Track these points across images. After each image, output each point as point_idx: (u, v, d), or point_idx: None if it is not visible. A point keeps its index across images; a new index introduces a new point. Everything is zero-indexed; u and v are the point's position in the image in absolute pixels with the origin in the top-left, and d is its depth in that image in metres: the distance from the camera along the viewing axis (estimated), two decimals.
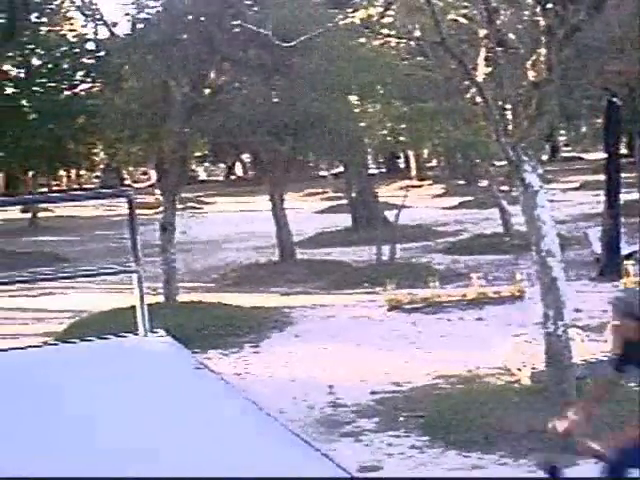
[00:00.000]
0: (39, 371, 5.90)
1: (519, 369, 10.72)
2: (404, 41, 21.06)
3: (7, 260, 22.68)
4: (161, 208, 17.19)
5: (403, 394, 10.36)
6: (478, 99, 12.38)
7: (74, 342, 7.39)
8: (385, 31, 21.10)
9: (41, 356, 6.70)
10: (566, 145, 55.16)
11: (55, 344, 9.82)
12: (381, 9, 22.88)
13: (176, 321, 12.79)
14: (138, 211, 7.01)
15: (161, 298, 15.15)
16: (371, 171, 26.80)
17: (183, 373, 5.43)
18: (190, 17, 16.80)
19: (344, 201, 28.39)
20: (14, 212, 35.72)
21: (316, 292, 16.79)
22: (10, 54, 29.68)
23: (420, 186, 41.06)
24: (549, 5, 11.01)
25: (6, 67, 30.38)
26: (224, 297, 16.16)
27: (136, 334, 6.51)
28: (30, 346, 7.91)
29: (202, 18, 16.65)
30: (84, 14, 28.88)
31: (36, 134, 28.03)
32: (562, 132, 43.38)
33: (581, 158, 50.53)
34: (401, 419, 9.66)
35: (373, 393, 10.43)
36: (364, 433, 9.38)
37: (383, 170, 48.12)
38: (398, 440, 9.09)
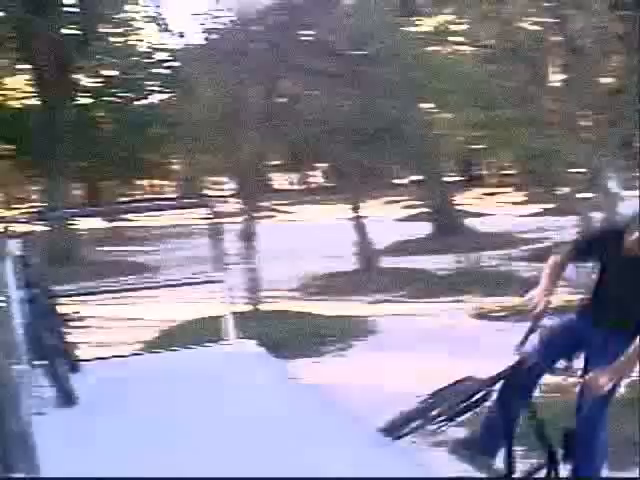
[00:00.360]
0: (132, 379, 5.90)
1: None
2: (477, 48, 20.88)
3: (92, 269, 22.91)
4: (240, 217, 17.17)
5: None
6: (553, 107, 12.22)
7: (165, 351, 7.42)
8: (457, 39, 20.93)
9: (133, 365, 6.73)
10: None
11: (143, 354, 9.86)
12: (453, 17, 22.74)
13: (260, 330, 12.75)
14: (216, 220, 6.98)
15: (245, 307, 15.12)
16: (451, 179, 26.64)
17: (273, 381, 5.39)
18: (263, 27, 16.82)
19: (424, 209, 28.21)
20: (97, 221, 36.15)
21: (400, 301, 16.66)
22: (85, 65, 30.09)
23: (501, 193, 40.70)
24: (624, 12, 10.83)
25: (82, 79, 30.79)
26: (307, 306, 16.12)
27: (224, 343, 6.50)
28: (121, 355, 7.95)
29: (274, 28, 16.67)
30: (157, 24, 29.17)
31: (112, 144, 28.38)
32: None
33: None
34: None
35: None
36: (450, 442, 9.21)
37: (462, 178, 47.96)
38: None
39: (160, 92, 31.79)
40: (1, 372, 2.97)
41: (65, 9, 26.00)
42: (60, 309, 6.81)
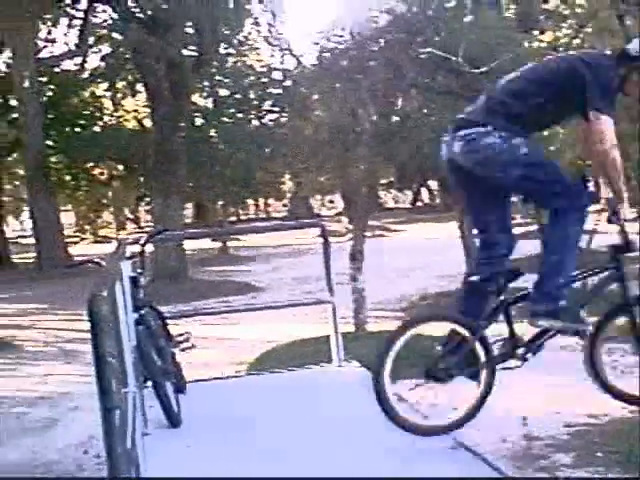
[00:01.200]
0: (236, 401, 5.97)
1: None
2: None
3: (201, 289, 23.24)
4: (349, 236, 17.22)
5: (599, 427, 10.00)
6: None
7: (270, 372, 7.48)
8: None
9: (238, 386, 6.80)
10: None
11: (248, 375, 9.95)
12: (570, 31, 22.51)
13: (366, 351, 12.74)
14: None
15: (351, 327, 15.13)
16: None
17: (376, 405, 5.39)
18: (379, 45, 16.88)
19: (534, 227, 27.87)
20: (204, 241, 36.62)
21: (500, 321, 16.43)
22: (199, 85, 30.56)
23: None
24: None
25: (195, 98, 31.28)
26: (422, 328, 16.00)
27: (330, 364, 6.52)
28: (228, 377, 8.05)
29: (390, 45, 16.71)
30: (271, 44, 29.54)
31: (225, 164, 28.73)
32: None
33: None
34: (599, 454, 9.33)
35: (567, 426, 10.11)
36: (560, 469, 9.09)
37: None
38: (596, 477, 8.76)
39: (274, 112, 32.11)
40: (111, 394, 3.05)
41: (184, 29, 26.48)
42: (169, 329, 6.94)
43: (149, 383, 5.86)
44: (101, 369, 2.95)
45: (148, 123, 30.15)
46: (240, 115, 31.54)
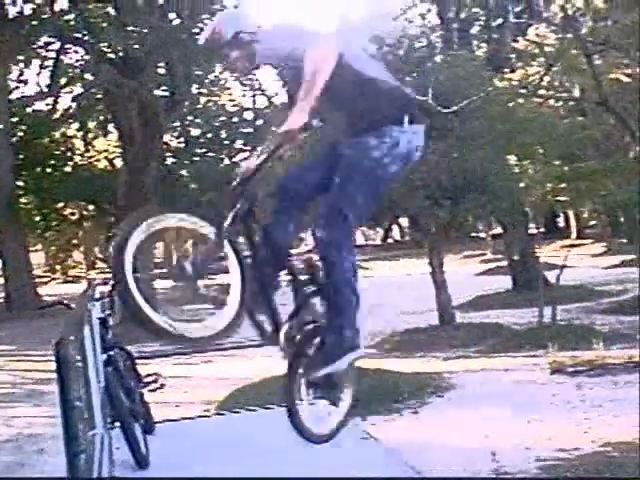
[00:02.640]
0: (205, 442, 5.98)
1: None
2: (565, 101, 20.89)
3: None
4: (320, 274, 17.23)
5: (570, 462, 10.06)
6: None
7: (235, 412, 7.49)
8: (543, 92, 20.99)
9: (207, 426, 6.81)
10: None
11: (220, 414, 9.95)
12: (539, 69, 22.83)
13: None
14: None
15: None
16: (530, 231, 26.52)
17: (347, 441, 5.41)
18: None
19: (503, 263, 28.09)
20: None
21: (477, 356, 16.57)
22: (171, 125, 30.66)
23: (581, 245, 40.34)
24: None
25: (167, 138, 31.36)
26: (384, 363, 16.10)
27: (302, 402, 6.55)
28: (199, 416, 8.06)
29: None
30: (242, 84, 29.72)
31: (196, 203, 28.74)
32: None
33: None
34: None
35: (538, 460, 10.17)
36: None
37: (542, 230, 47.59)
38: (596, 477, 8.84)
39: (245, 151, 32.22)
40: (77, 438, 3.07)
41: (155, 70, 26.60)
42: (138, 370, 6.95)
43: (117, 424, 5.87)
44: (67, 414, 2.98)
45: (119, 163, 30.17)
46: (211, 154, 31.63)
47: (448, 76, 17.07)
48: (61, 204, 35.11)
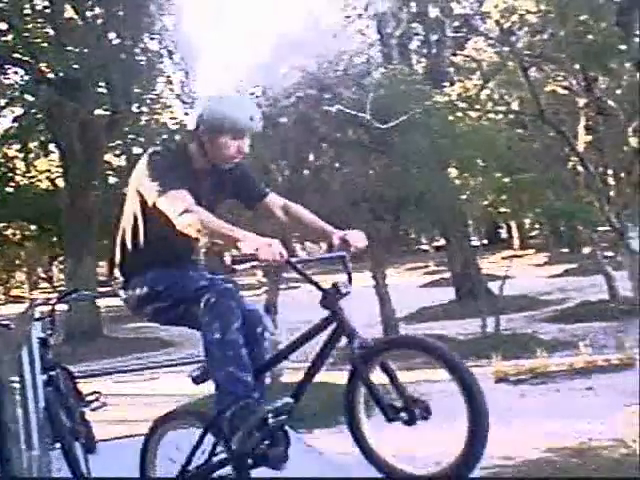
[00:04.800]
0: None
1: (634, 441, 10.46)
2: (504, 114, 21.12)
3: (114, 346, 23.11)
4: (264, 289, 17.35)
5: (515, 468, 10.18)
6: (579, 168, 12.35)
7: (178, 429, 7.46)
8: (482, 106, 21.21)
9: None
10: None
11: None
12: (478, 83, 23.07)
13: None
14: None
15: (267, 380, 15.16)
16: (473, 243, 26.76)
17: (290, 453, 5.43)
18: (291, 101, 17.14)
19: (446, 274, 28.29)
20: (115, 299, 36.24)
21: (421, 367, 16.64)
22: (112, 144, 30.55)
23: (523, 255, 40.71)
24: None
25: (108, 157, 31.24)
26: (326, 376, 16.14)
27: None
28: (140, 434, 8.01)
29: (301, 101, 16.99)
30: (184, 102, 29.67)
31: None
32: None
33: None
34: None
35: (483, 468, 10.26)
36: None
37: (485, 241, 47.98)
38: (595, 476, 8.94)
39: None
40: (11, 462, 3.06)
41: (96, 89, 26.51)
42: (79, 389, 6.93)
43: (58, 445, 5.84)
44: (1, 435, 2.97)
45: (61, 183, 29.96)
46: None
47: (387, 91, 17.20)
48: (3, 224, 34.82)
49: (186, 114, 30.91)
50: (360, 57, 21.71)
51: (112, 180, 31.37)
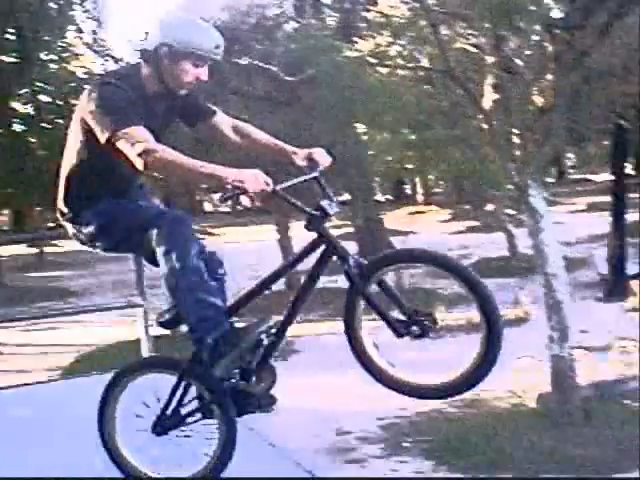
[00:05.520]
0: (46, 407, 5.98)
1: (525, 392, 10.76)
2: (413, 70, 21.27)
3: (15, 295, 22.87)
4: None
5: (409, 420, 10.42)
6: (484, 125, 12.50)
7: (79, 377, 7.48)
8: (392, 61, 21.31)
9: (48, 391, 6.79)
10: (573, 167, 55.19)
11: (59, 379, 9.88)
12: (389, 39, 23.12)
13: (182, 353, 12.90)
14: None
15: (167, 331, 15.20)
16: (377, 198, 26.92)
17: None
18: None
19: (350, 229, 28.48)
20: (21, 247, 35.84)
21: (321, 320, 16.80)
22: (19, 92, 29.99)
23: (427, 212, 41.14)
24: (557, 32, 11.14)
25: (15, 105, 30.67)
26: None
27: None
28: (38, 382, 8.00)
29: None
30: (94, 51, 29.23)
31: (44, 170, 28.23)
32: (569, 155, 43.44)
33: (589, 180, 50.48)
34: (406, 445, 9.73)
35: (379, 419, 10.48)
36: (369, 460, 9.44)
37: (390, 197, 48.35)
38: (402, 466, 9.15)
39: None
40: None
41: (4, 36, 25.96)
42: None
43: None
44: None
45: None
46: (61, 121, 31.03)
47: (298, 45, 17.18)
48: None
49: (94, 63, 30.42)
50: (272, 10, 21.61)
51: (18, 128, 30.81)
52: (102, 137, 4.17)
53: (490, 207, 30.41)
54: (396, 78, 21.38)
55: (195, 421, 4.47)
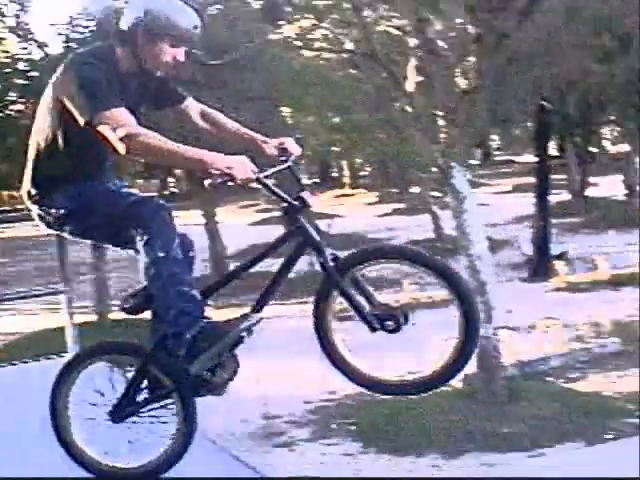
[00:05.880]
0: None
1: None
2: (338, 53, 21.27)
3: None
4: None
5: (337, 402, 10.47)
6: (408, 108, 12.55)
7: (4, 366, 7.39)
8: (317, 44, 21.28)
9: None
10: (498, 149, 55.71)
11: None
12: (314, 22, 23.07)
13: (109, 339, 12.84)
14: None
15: (93, 317, 15.12)
16: (304, 181, 26.89)
17: (112, 393, 5.43)
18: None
19: (277, 212, 28.46)
20: None
21: (249, 305, 16.78)
22: None
23: (354, 195, 41.25)
24: (479, 14, 11.21)
25: None
26: None
27: (66, 355, 6.51)
28: None
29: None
30: (17, 35, 28.81)
31: None
32: (494, 136, 43.82)
33: (513, 161, 51.04)
34: (334, 427, 9.78)
35: (307, 403, 10.51)
36: (297, 443, 9.47)
37: (316, 180, 48.40)
38: (331, 448, 9.20)
39: (19, 102, 31.25)
40: None
41: None
42: None
43: None
44: None
45: None
46: None
47: (223, 28, 17.09)
48: None
49: (19, 47, 30.02)
50: None
51: None
52: (81, 119, 4.01)
53: (416, 189, 30.63)
54: (321, 61, 21.39)
55: (153, 409, 4.38)
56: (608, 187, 30.32)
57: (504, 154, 55.25)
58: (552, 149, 26.04)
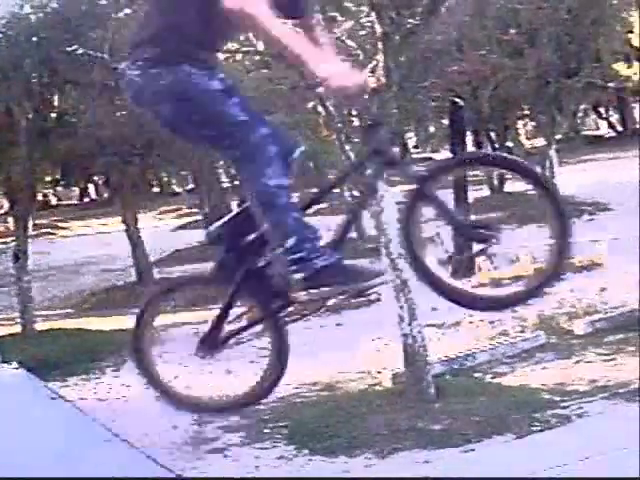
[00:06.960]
0: None
1: (379, 372, 10.90)
2: (249, 54, 21.22)
3: None
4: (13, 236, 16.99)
5: (267, 405, 10.41)
6: (321, 108, 12.57)
7: None
8: (228, 45, 21.16)
9: None
10: (416, 147, 56.00)
11: None
12: None
13: (34, 350, 12.65)
14: None
15: (16, 328, 14.90)
16: (224, 185, 26.83)
17: (34, 404, 5.41)
18: (34, 42, 16.63)
19: (199, 217, 28.29)
20: None
21: (177, 310, 16.65)
22: None
23: None
24: (384, 11, 11.26)
25: None
26: (84, 322, 16.00)
27: None
28: None
29: (46, 43, 16.53)
30: None
31: None
32: (410, 134, 44.06)
33: (431, 158, 51.29)
34: (267, 431, 9.75)
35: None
36: (230, 448, 9.42)
37: (237, 183, 48.22)
38: (265, 452, 9.17)
39: None
40: None
41: None
42: None
43: None
44: None
45: None
46: None
47: (131, 31, 16.95)
48: None
49: None
50: None
51: None
52: None
53: (336, 190, 30.63)
54: (235, 63, 21.32)
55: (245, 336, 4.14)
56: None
57: (422, 152, 55.49)
58: (469, 145, 26.25)
